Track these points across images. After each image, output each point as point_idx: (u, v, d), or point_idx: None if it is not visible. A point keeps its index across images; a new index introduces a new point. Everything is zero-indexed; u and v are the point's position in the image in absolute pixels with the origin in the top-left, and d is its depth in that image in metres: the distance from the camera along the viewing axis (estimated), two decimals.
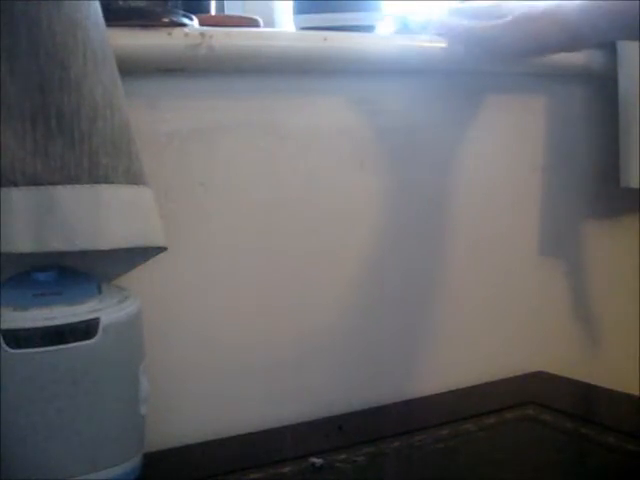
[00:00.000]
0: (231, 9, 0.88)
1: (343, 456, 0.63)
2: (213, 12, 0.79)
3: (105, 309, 0.55)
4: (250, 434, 0.69)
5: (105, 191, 0.54)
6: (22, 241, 0.53)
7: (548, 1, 0.71)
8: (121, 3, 0.63)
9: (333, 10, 0.73)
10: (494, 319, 0.87)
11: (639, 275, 0.95)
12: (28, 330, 0.51)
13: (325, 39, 0.72)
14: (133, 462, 0.57)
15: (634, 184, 0.85)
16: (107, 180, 0.55)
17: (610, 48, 0.86)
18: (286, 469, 0.61)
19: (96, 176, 0.54)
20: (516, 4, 0.75)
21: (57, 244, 0.53)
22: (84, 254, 0.55)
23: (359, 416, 0.74)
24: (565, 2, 0.69)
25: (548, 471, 0.62)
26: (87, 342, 0.53)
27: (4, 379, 0.51)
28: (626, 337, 0.93)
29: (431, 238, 0.82)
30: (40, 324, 0.51)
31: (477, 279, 0.85)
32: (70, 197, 0.53)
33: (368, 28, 0.74)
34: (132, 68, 0.62)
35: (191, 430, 0.69)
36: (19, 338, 0.51)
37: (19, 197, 0.52)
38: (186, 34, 0.65)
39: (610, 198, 0.93)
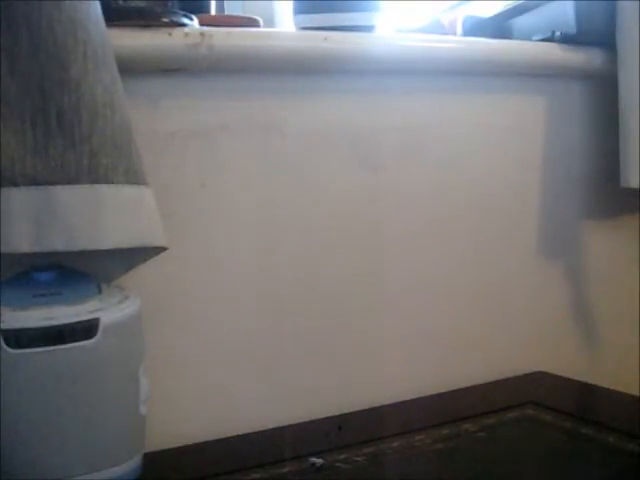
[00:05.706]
0: (231, 9, 0.89)
1: (343, 456, 0.63)
2: (213, 12, 0.80)
3: (105, 309, 0.54)
4: (250, 434, 0.69)
5: (105, 191, 0.54)
6: (22, 241, 0.53)
7: None
8: (121, 3, 0.63)
9: (333, 10, 0.73)
10: (494, 319, 0.87)
11: (639, 275, 0.95)
12: (28, 330, 0.51)
13: (325, 39, 0.72)
14: (133, 462, 0.57)
15: (634, 184, 0.85)
16: (107, 180, 0.55)
17: (610, 48, 0.86)
18: (286, 469, 0.61)
19: (96, 176, 0.54)
20: None
21: (57, 244, 0.53)
22: (84, 254, 0.55)
23: (359, 416, 0.74)
24: None
25: (548, 471, 0.62)
26: (87, 342, 0.52)
27: (4, 379, 0.51)
28: (626, 337, 0.93)
29: (431, 238, 0.82)
30: (40, 324, 0.51)
31: (477, 279, 0.85)
32: (70, 197, 0.53)
33: (368, 28, 0.75)
34: (132, 68, 0.63)
35: (191, 430, 0.69)
36: (19, 338, 0.51)
37: (19, 197, 0.52)
38: (186, 34, 0.65)
39: (610, 198, 0.93)
